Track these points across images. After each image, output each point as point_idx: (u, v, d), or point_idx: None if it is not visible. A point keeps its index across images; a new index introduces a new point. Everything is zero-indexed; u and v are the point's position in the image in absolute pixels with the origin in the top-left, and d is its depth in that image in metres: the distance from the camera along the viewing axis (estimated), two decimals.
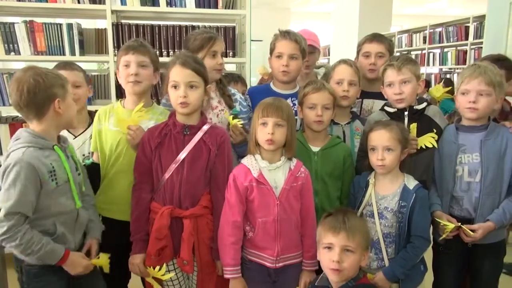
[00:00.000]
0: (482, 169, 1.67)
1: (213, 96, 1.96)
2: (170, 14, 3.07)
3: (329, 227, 1.39)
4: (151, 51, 1.81)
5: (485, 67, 1.68)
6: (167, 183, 1.60)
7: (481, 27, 5.34)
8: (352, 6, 6.94)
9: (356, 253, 1.37)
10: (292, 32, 2.03)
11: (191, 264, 1.60)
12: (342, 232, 1.36)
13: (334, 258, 1.35)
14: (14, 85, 1.40)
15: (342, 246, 1.36)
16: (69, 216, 1.50)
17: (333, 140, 1.82)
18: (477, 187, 1.69)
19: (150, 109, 1.81)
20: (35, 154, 1.39)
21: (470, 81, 1.67)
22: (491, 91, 1.64)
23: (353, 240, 1.36)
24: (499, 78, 1.66)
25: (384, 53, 2.13)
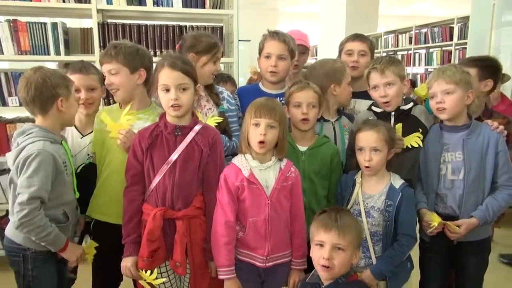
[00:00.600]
0: (465, 167, 1.71)
1: (201, 95, 1.96)
2: (157, 14, 3.05)
3: (321, 225, 1.42)
4: (119, 54, 1.71)
5: (445, 68, 1.75)
6: (159, 184, 1.59)
7: (465, 28, 5.43)
8: (339, 6, 6.99)
9: (347, 251, 1.39)
10: (280, 33, 2.04)
11: (184, 266, 1.59)
12: (334, 230, 1.38)
13: (324, 255, 1.37)
14: (23, 83, 1.54)
15: (333, 244, 1.38)
16: (72, 206, 1.66)
17: (320, 140, 1.83)
18: (460, 185, 1.72)
19: (147, 110, 1.79)
20: (52, 146, 1.54)
21: (432, 84, 1.74)
22: (454, 88, 1.69)
23: (344, 238, 1.38)
24: (459, 76, 1.70)
25: (366, 52, 2.17)
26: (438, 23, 6.18)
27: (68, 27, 2.92)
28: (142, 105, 1.79)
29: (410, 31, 6.75)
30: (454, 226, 1.69)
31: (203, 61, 1.88)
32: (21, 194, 1.46)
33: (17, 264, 1.59)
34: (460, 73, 1.71)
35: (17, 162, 1.50)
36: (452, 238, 1.72)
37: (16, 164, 1.50)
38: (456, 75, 1.70)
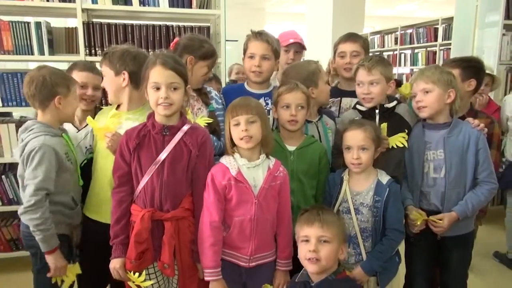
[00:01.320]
0: (446, 165, 1.74)
1: (193, 95, 1.97)
2: (143, 14, 3.02)
3: (305, 221, 1.45)
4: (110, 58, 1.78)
5: (424, 68, 1.80)
6: (147, 185, 1.57)
7: (449, 28, 5.51)
8: (326, 7, 7.03)
9: (332, 243, 1.41)
10: (264, 33, 2.05)
11: (172, 267, 1.57)
12: (316, 223, 1.41)
13: (310, 248, 1.39)
14: (27, 79, 1.69)
15: (317, 237, 1.40)
16: (79, 192, 1.82)
17: (309, 139, 1.84)
18: (442, 183, 1.75)
19: (137, 110, 1.78)
20: (53, 140, 1.67)
21: (413, 85, 1.80)
22: (432, 87, 1.74)
23: (327, 230, 1.40)
24: (438, 75, 1.74)
25: (359, 51, 2.17)
26: (423, 24, 6.26)
27: (52, 27, 2.88)
28: (133, 106, 1.78)
29: (396, 32, 6.83)
30: (437, 220, 1.72)
31: (201, 65, 1.91)
32: (28, 186, 1.61)
33: (32, 246, 1.70)
34: (439, 73, 1.75)
35: (22, 156, 1.65)
36: (437, 232, 1.75)
37: (21, 158, 1.66)
38: (435, 75, 1.75)
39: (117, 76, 1.74)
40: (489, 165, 1.75)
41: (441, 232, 1.74)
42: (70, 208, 1.75)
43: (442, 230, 1.74)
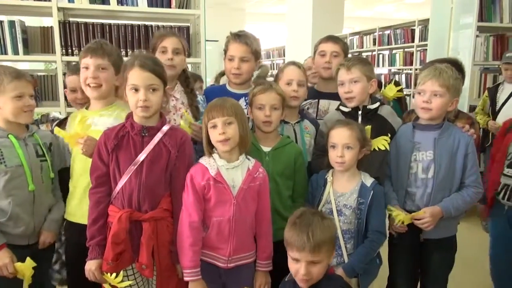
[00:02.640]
0: (435, 166, 1.75)
1: (177, 97, 1.96)
2: (121, 13, 2.97)
3: (294, 243, 1.33)
4: (113, 53, 1.77)
5: (442, 69, 1.73)
6: (125, 186, 1.55)
7: (425, 30, 5.63)
8: (306, 8, 7.09)
9: (323, 262, 1.35)
10: (243, 35, 2.04)
11: (150, 268, 1.56)
12: (307, 248, 1.31)
13: (301, 271, 1.32)
14: None
15: (307, 261, 1.32)
16: (24, 198, 1.69)
17: (284, 140, 1.84)
18: (429, 183, 1.76)
19: (110, 107, 1.77)
20: None
21: (425, 81, 1.74)
22: (445, 92, 1.70)
23: (318, 254, 1.32)
24: (453, 81, 1.72)
25: (339, 53, 2.19)
26: (400, 25, 6.38)
27: (27, 26, 2.80)
28: (108, 103, 1.78)
29: (374, 33, 6.93)
30: (419, 213, 1.72)
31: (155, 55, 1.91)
32: None
33: None
34: (454, 79, 1.73)
35: None
36: (424, 227, 1.73)
37: None
38: (450, 80, 1.71)
39: (117, 74, 1.75)
40: (476, 170, 1.78)
41: (428, 226, 1.72)
42: (5, 214, 1.64)
43: (428, 224, 1.71)
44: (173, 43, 1.95)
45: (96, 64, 1.71)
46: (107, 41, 1.88)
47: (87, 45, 1.79)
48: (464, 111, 2.21)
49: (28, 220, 1.70)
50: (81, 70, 1.74)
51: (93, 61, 1.71)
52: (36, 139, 1.77)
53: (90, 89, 1.73)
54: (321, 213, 1.46)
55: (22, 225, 1.69)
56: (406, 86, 6.15)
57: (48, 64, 4.18)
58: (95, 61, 1.71)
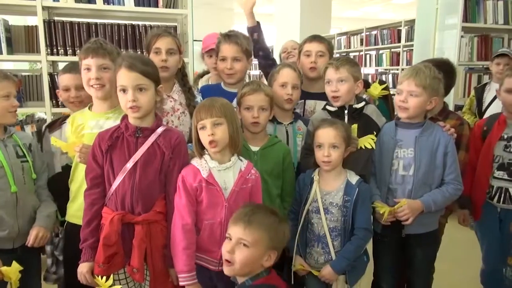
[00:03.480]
0: (415, 163, 1.78)
1: (175, 98, 1.95)
2: (108, 12, 2.93)
3: (233, 217, 1.37)
4: (113, 51, 1.75)
5: (419, 68, 1.76)
6: (118, 188, 1.53)
7: (411, 30, 5.69)
8: (294, 8, 7.11)
9: (252, 249, 1.31)
10: (233, 35, 2.05)
11: (141, 272, 1.53)
12: (240, 223, 1.32)
13: (227, 248, 1.32)
14: None
15: (237, 239, 1.32)
16: (7, 200, 1.67)
17: (272, 140, 1.85)
18: (410, 180, 1.79)
19: (118, 108, 1.72)
20: None
21: (403, 81, 1.78)
22: (421, 92, 1.73)
23: (250, 235, 1.30)
24: (430, 81, 1.74)
25: (324, 52, 2.20)
26: (387, 26, 6.44)
27: (11, 25, 2.75)
28: (113, 104, 1.74)
29: (361, 33, 6.99)
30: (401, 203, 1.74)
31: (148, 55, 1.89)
32: None
33: None
34: (432, 79, 1.75)
35: None
36: (403, 220, 1.75)
37: None
38: (427, 79, 1.73)
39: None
40: (456, 168, 1.81)
41: (407, 219, 1.74)
42: None
43: (406, 216, 1.74)
44: (167, 44, 1.91)
45: (98, 64, 1.69)
46: (105, 40, 1.86)
47: (85, 45, 1.76)
48: (453, 111, 2.22)
49: (12, 223, 1.68)
50: (83, 72, 1.72)
51: (95, 61, 1.69)
52: (16, 140, 1.75)
53: (94, 90, 1.71)
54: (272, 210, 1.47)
55: (6, 228, 1.66)
56: (393, 86, 6.21)
57: (33, 64, 4.12)
58: (97, 61, 1.69)
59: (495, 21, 3.95)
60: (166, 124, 1.75)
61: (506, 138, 2.01)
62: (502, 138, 2.02)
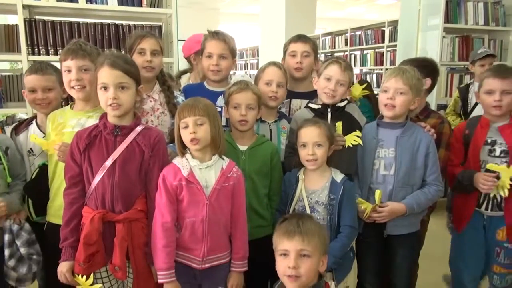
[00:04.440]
0: (396, 163, 1.81)
1: (156, 98, 1.94)
2: (91, 11, 2.90)
3: (284, 232, 1.32)
4: (93, 52, 1.76)
5: (405, 69, 1.81)
6: (98, 186, 1.54)
7: (395, 31, 5.75)
8: (278, 8, 7.14)
9: (313, 257, 1.30)
10: (221, 33, 2.05)
11: (124, 270, 1.54)
12: (297, 236, 1.29)
13: (290, 264, 1.28)
14: None
15: (297, 251, 1.29)
16: None
17: (260, 139, 1.86)
18: (391, 180, 1.82)
19: (99, 108, 1.71)
20: None
21: (389, 79, 1.80)
22: (407, 90, 1.76)
23: (308, 244, 1.29)
24: (415, 81, 1.78)
25: (310, 52, 2.21)
26: (371, 26, 6.51)
27: None
28: (95, 104, 1.73)
29: (346, 33, 7.03)
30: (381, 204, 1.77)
31: (131, 56, 1.87)
32: None
33: None
34: (416, 79, 1.80)
35: None
36: (378, 220, 1.78)
37: None
38: (413, 79, 1.78)
39: None
40: (437, 169, 1.84)
41: (382, 219, 1.77)
42: None
43: (382, 218, 1.77)
44: (152, 45, 1.92)
45: (78, 65, 1.71)
46: (85, 41, 1.86)
47: (66, 47, 1.77)
48: (435, 110, 2.24)
49: None
50: (64, 74, 1.74)
51: (75, 62, 1.70)
52: None
53: (74, 91, 1.73)
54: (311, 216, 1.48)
55: None
56: (376, 86, 6.28)
57: (14, 64, 4.03)
58: (77, 63, 1.70)
59: (475, 22, 4.04)
60: (146, 123, 1.75)
61: (490, 142, 1.93)
62: (486, 143, 1.94)
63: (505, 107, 1.87)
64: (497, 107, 1.87)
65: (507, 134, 1.88)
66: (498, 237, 1.94)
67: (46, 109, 1.90)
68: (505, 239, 1.93)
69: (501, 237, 1.93)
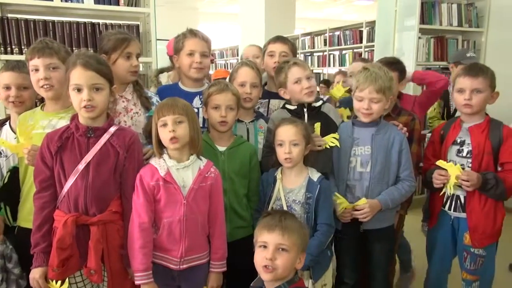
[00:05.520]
0: (372, 160, 1.85)
1: (129, 98, 1.92)
2: (66, 10, 2.84)
3: (265, 225, 1.36)
4: (61, 50, 1.72)
5: (376, 74, 1.82)
6: (71, 189, 1.51)
7: (372, 31, 5.85)
8: (258, 9, 7.15)
9: (291, 253, 1.33)
10: (200, 32, 2.05)
11: (99, 273, 1.52)
12: (277, 230, 1.33)
13: (267, 256, 1.31)
14: None
15: (276, 245, 1.32)
16: None
17: (238, 140, 1.86)
18: (367, 177, 1.86)
19: (70, 108, 1.68)
20: None
21: (363, 89, 1.82)
22: (381, 97, 1.81)
23: (288, 239, 1.33)
24: (388, 83, 1.82)
25: (288, 53, 2.25)
26: (349, 27, 6.59)
27: None
28: (66, 104, 1.70)
29: (325, 34, 7.11)
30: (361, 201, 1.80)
31: (113, 58, 1.84)
32: None
33: None
34: (389, 81, 1.83)
35: None
36: (361, 218, 1.81)
37: None
38: (385, 83, 1.80)
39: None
40: (409, 165, 1.89)
41: (366, 217, 1.81)
42: None
43: (366, 215, 1.80)
44: (137, 48, 1.90)
45: (46, 64, 1.67)
46: (51, 39, 1.82)
47: (31, 45, 1.72)
48: (404, 108, 2.28)
49: None
50: (31, 73, 1.69)
51: (42, 61, 1.66)
52: None
53: (43, 91, 1.69)
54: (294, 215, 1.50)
55: None
56: None
57: None
58: (44, 61, 1.66)
59: (449, 23, 4.14)
60: (119, 124, 1.73)
61: (459, 142, 1.95)
62: (455, 142, 1.96)
63: (475, 106, 1.89)
64: (467, 105, 1.89)
65: (474, 134, 1.91)
66: (465, 241, 1.95)
67: (19, 108, 1.85)
68: (470, 244, 1.92)
69: (467, 241, 1.93)
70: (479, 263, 1.94)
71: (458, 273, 2.06)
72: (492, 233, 1.92)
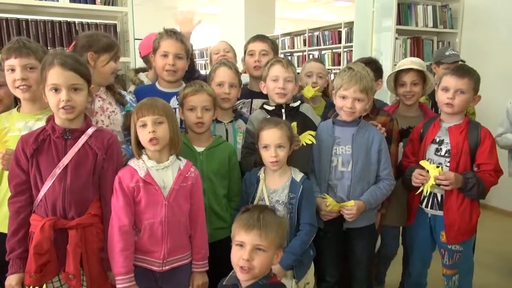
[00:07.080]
0: (353, 159, 1.87)
1: (104, 97, 1.88)
2: (41, 8, 2.77)
3: (243, 224, 1.32)
4: (38, 49, 1.66)
5: (361, 74, 1.84)
6: (48, 192, 1.47)
7: (351, 32, 5.93)
8: (237, 9, 7.14)
9: (268, 252, 1.31)
10: (177, 32, 2.03)
11: (78, 278, 1.48)
12: (255, 230, 1.30)
13: (244, 256, 1.28)
14: None
15: (253, 245, 1.29)
16: None
17: (217, 140, 1.85)
18: (349, 176, 1.88)
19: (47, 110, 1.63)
20: None
21: (348, 88, 1.83)
22: (365, 97, 1.84)
23: (265, 238, 1.29)
24: (370, 83, 1.86)
25: (268, 51, 2.24)
26: (328, 27, 6.66)
27: None
28: (44, 105, 1.65)
29: (304, 34, 7.16)
30: (349, 203, 1.82)
31: (103, 60, 1.81)
32: None
33: None
34: (370, 81, 1.85)
35: None
36: (348, 218, 1.84)
37: None
38: (368, 83, 1.83)
39: None
40: (389, 164, 1.93)
41: (352, 218, 1.83)
42: None
43: (352, 216, 1.83)
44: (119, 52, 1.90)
45: (22, 64, 1.62)
46: (28, 38, 1.76)
47: (7, 45, 1.67)
48: (382, 109, 2.31)
49: None
50: (6, 73, 1.64)
51: (19, 61, 1.61)
52: None
53: (20, 91, 1.63)
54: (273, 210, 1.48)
55: None
56: None
57: None
58: (21, 61, 1.61)
59: (425, 24, 4.24)
60: (96, 124, 1.70)
61: (438, 141, 1.97)
62: (434, 141, 1.98)
63: (457, 107, 1.92)
64: (449, 104, 1.93)
65: (453, 134, 1.95)
66: (442, 239, 1.99)
67: None
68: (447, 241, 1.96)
69: (444, 239, 1.97)
70: (456, 257, 2.00)
71: (437, 270, 2.11)
72: (467, 230, 1.97)
